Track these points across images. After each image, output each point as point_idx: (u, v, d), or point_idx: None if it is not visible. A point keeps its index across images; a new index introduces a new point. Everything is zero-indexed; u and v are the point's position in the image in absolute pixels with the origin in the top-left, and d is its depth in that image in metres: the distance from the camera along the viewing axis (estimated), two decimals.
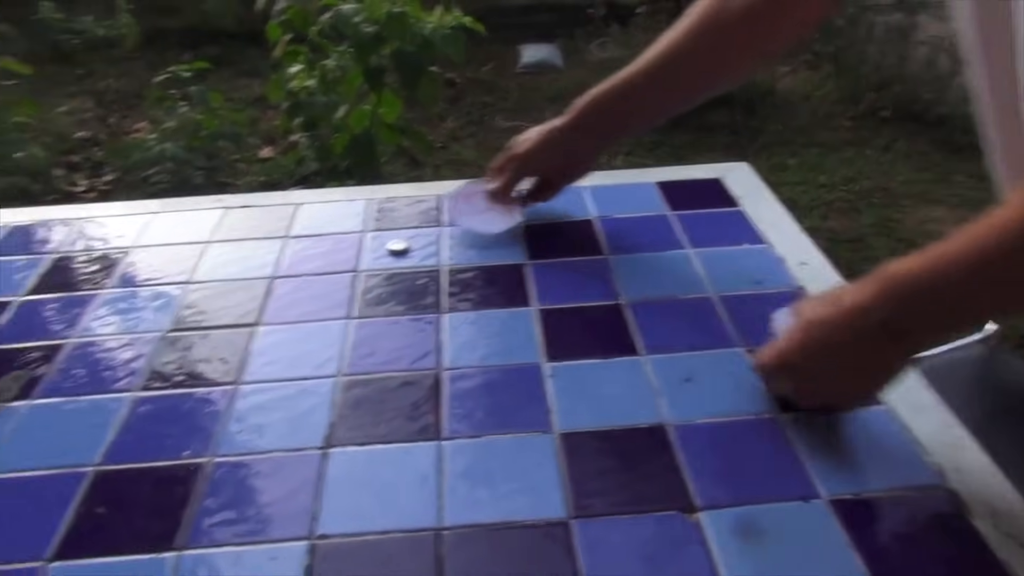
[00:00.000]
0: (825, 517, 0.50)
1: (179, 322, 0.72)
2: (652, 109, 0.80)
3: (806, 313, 0.56)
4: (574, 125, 0.80)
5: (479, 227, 0.83)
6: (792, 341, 0.56)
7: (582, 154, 0.83)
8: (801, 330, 0.56)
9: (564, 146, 0.81)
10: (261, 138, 2.89)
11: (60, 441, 0.58)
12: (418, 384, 0.63)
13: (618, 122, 0.80)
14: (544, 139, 0.82)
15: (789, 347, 0.56)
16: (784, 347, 0.57)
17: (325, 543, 0.50)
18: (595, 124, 0.80)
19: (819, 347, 0.54)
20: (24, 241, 0.87)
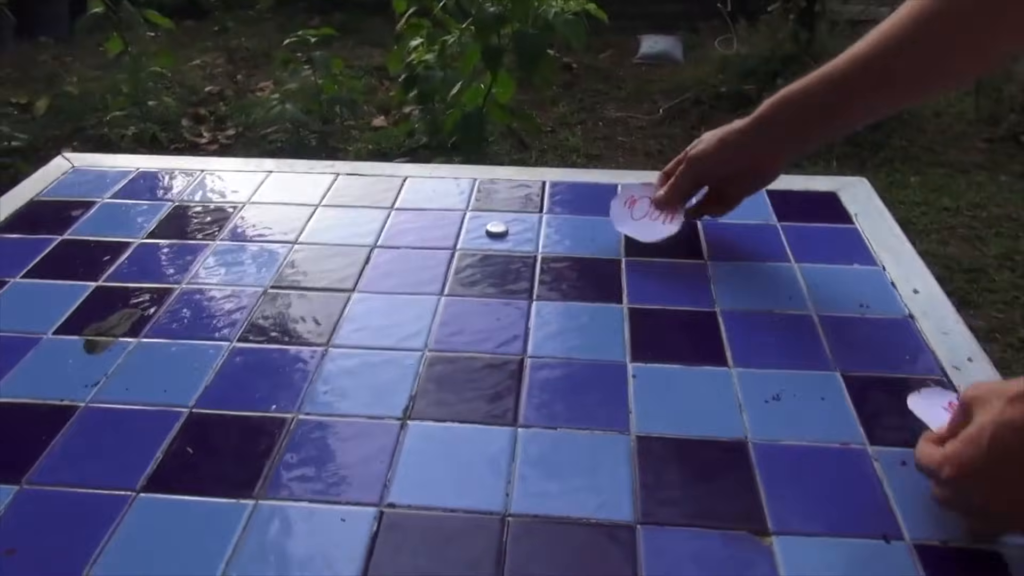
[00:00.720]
0: (905, 560, 0.48)
1: (280, 280, 0.75)
2: (858, 108, 0.68)
3: (989, 410, 0.46)
4: (758, 126, 0.71)
5: (633, 234, 0.79)
6: (973, 446, 0.45)
7: (765, 161, 0.74)
8: (988, 434, 0.45)
9: (744, 150, 0.73)
10: (376, 107, 2.96)
11: (160, 380, 0.62)
12: (501, 368, 0.63)
13: (814, 123, 0.69)
14: (721, 142, 0.74)
15: (967, 454, 0.45)
16: (962, 454, 0.46)
17: (393, 512, 0.51)
18: (785, 125, 0.70)
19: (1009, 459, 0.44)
20: (149, 186, 0.92)
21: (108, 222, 0.84)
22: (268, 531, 0.50)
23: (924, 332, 0.67)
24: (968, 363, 0.63)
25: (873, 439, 0.56)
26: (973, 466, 0.45)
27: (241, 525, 0.50)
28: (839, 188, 0.90)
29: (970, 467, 0.46)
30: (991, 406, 0.45)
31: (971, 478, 0.46)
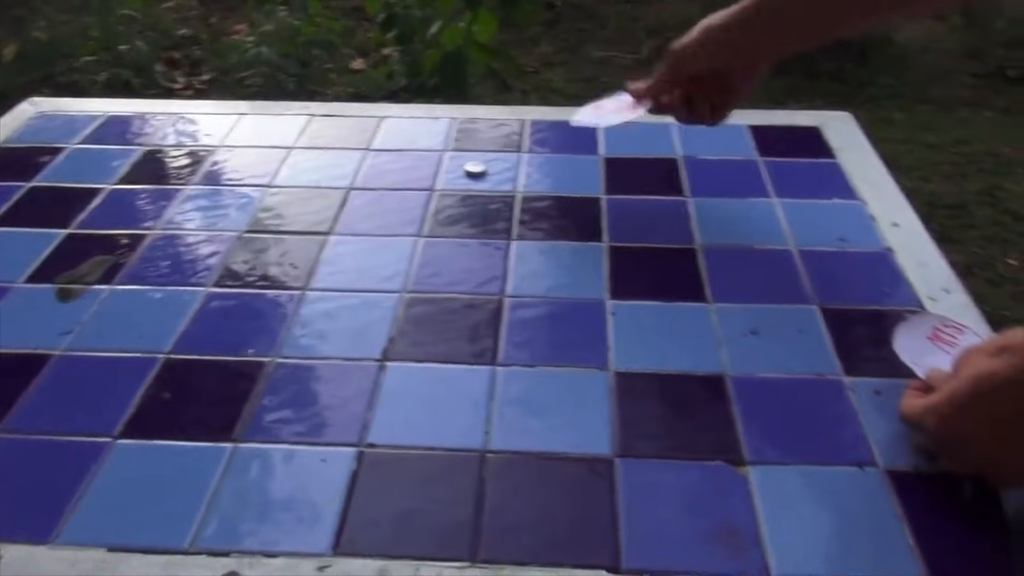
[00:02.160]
0: (878, 486, 0.48)
1: (256, 224, 0.73)
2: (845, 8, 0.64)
3: (973, 363, 0.46)
4: (741, 20, 0.65)
5: (594, 122, 0.74)
6: (955, 399, 0.46)
7: (755, 57, 0.68)
8: (969, 388, 0.45)
9: (726, 47, 0.66)
10: (355, 49, 2.89)
11: (135, 326, 0.61)
12: (480, 308, 0.63)
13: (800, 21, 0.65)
14: (704, 35, 0.67)
15: (951, 406, 0.46)
16: (944, 406, 0.46)
17: (373, 451, 0.51)
18: (770, 22, 0.65)
19: (990, 412, 0.44)
20: (120, 131, 0.90)
21: (78, 168, 0.83)
22: (248, 473, 0.50)
23: (902, 265, 0.67)
24: (944, 294, 0.64)
25: (849, 370, 0.57)
26: (954, 417, 0.46)
27: (221, 468, 0.50)
28: (822, 123, 0.89)
29: (951, 419, 0.46)
30: (975, 361, 0.46)
31: (952, 429, 0.46)
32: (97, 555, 0.45)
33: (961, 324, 0.58)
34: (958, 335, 0.56)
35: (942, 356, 0.54)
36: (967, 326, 0.57)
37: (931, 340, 0.56)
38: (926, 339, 0.56)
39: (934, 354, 0.54)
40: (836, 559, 0.45)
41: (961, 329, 0.57)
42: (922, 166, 2.22)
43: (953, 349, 0.55)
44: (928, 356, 0.55)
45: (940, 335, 0.56)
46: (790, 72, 2.65)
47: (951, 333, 0.57)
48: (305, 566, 0.44)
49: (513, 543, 0.46)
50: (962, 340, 0.55)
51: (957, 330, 0.57)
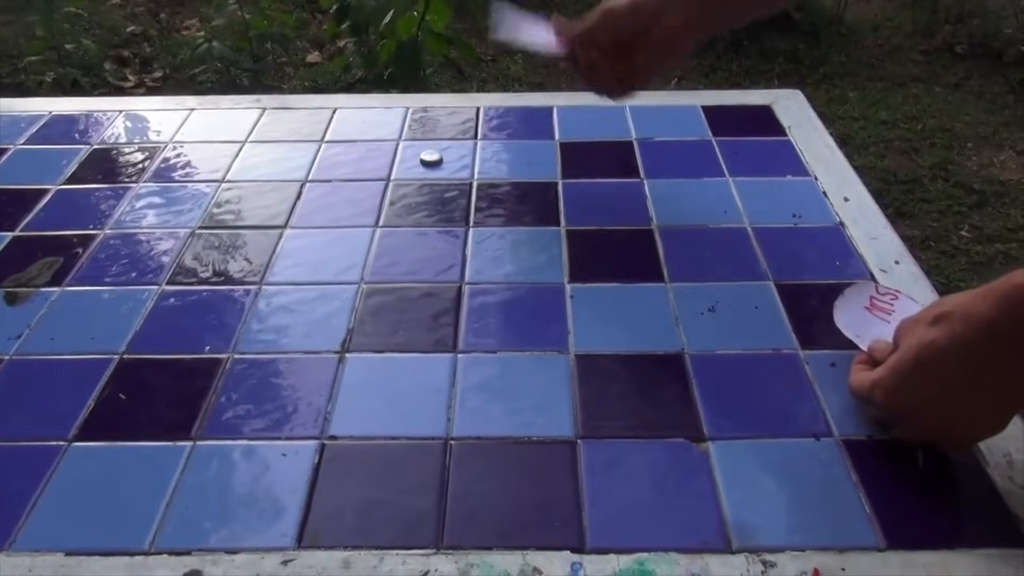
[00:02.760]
0: (834, 456, 0.49)
1: (209, 220, 0.72)
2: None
3: (912, 333, 0.47)
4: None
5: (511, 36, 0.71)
6: (898, 371, 0.47)
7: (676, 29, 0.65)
8: (911, 359, 0.46)
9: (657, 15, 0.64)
10: (310, 42, 2.85)
11: (87, 328, 0.60)
12: (439, 296, 0.63)
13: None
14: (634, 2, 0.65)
15: (895, 379, 0.47)
16: (889, 379, 0.47)
17: (335, 444, 0.51)
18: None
19: (933, 381, 0.45)
20: (65, 130, 0.87)
21: (23, 168, 0.80)
22: (208, 471, 0.49)
23: (854, 238, 0.68)
24: (895, 265, 0.65)
25: (804, 343, 0.57)
26: (900, 390, 0.47)
27: (180, 466, 0.49)
28: (773, 101, 0.90)
29: (897, 391, 0.47)
30: (914, 331, 0.47)
31: (899, 400, 0.47)
32: (55, 559, 0.44)
33: (895, 291, 0.59)
34: (894, 302, 0.58)
35: (882, 325, 0.55)
36: (900, 291, 0.59)
37: (869, 310, 0.57)
38: (864, 309, 0.58)
39: (874, 324, 0.56)
40: (795, 529, 0.45)
41: (895, 295, 0.58)
42: (876, 142, 2.26)
43: (891, 317, 0.56)
44: (869, 327, 0.56)
45: (876, 304, 0.58)
46: (746, 54, 2.68)
47: (887, 300, 0.58)
48: (268, 561, 0.44)
49: (478, 528, 0.46)
50: (898, 306, 0.57)
51: (892, 296, 0.58)
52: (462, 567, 0.44)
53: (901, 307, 0.57)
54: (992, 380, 0.44)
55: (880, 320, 0.56)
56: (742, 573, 0.43)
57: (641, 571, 0.43)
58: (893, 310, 0.57)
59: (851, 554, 0.44)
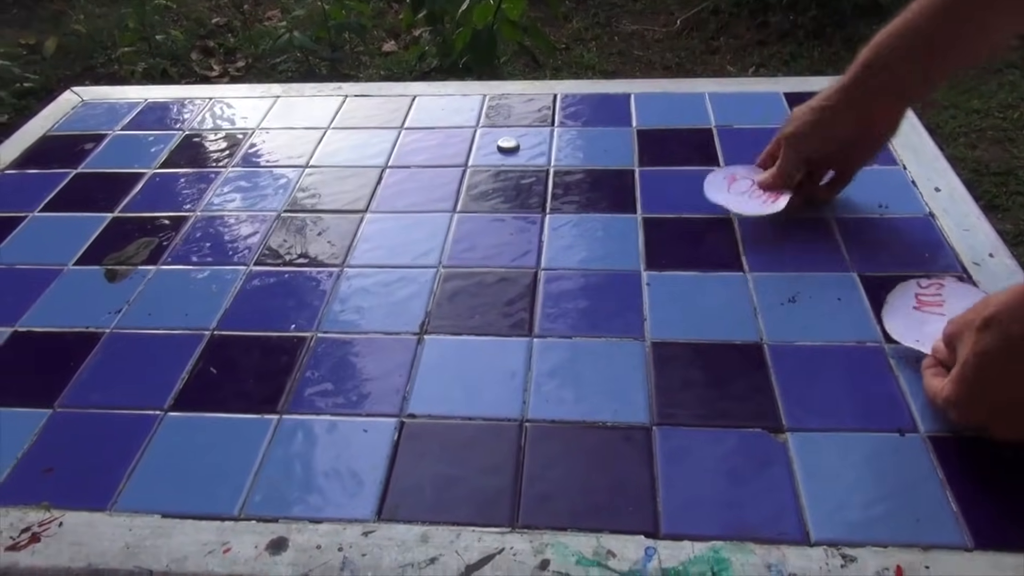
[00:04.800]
0: (919, 452, 0.48)
1: (293, 204, 0.75)
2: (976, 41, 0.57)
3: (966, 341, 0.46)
4: (856, 87, 0.61)
5: (732, 206, 0.69)
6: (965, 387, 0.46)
7: (876, 123, 0.63)
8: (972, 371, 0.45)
9: (842, 118, 0.62)
10: (386, 31, 2.90)
11: (180, 304, 0.63)
12: (515, 281, 0.64)
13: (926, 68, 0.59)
14: (815, 117, 0.64)
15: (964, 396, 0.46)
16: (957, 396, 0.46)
17: (413, 422, 0.52)
18: (890, 79, 0.59)
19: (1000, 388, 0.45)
20: (159, 117, 0.91)
21: (120, 154, 0.85)
22: (293, 444, 0.51)
23: (944, 229, 0.66)
24: (989, 259, 0.62)
25: (889, 337, 0.56)
26: (973, 405, 0.46)
27: (267, 439, 0.52)
28: None
29: (971, 407, 0.46)
30: (966, 339, 0.46)
31: (975, 415, 0.47)
32: (152, 520, 0.47)
33: (938, 280, 0.57)
34: (941, 290, 0.56)
35: (936, 320, 0.53)
36: (943, 276, 0.57)
37: (918, 309, 0.55)
38: (913, 310, 0.55)
39: (929, 322, 0.54)
40: (877, 525, 0.44)
41: (940, 283, 0.56)
42: (967, 132, 2.16)
43: (944, 307, 0.54)
44: (925, 327, 0.54)
45: (924, 300, 0.56)
46: (828, 41, 2.59)
47: (933, 292, 0.56)
48: (350, 531, 0.46)
49: (551, 509, 0.46)
50: (948, 293, 0.55)
51: (938, 285, 0.56)
52: (537, 546, 0.44)
53: (951, 293, 0.55)
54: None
55: (933, 315, 0.54)
56: (821, 566, 0.42)
57: (716, 559, 0.43)
58: (943, 299, 0.55)
59: (935, 552, 0.43)
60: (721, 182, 0.71)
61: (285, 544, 0.45)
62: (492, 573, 0.43)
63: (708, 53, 2.67)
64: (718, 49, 2.67)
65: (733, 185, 0.71)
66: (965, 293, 0.57)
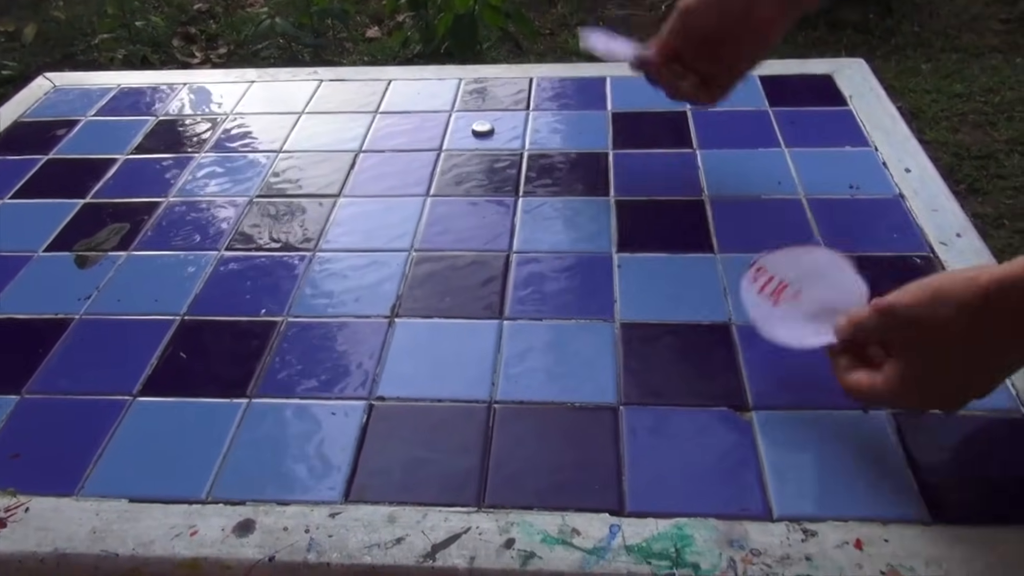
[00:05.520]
0: (883, 430, 0.49)
1: (266, 188, 0.74)
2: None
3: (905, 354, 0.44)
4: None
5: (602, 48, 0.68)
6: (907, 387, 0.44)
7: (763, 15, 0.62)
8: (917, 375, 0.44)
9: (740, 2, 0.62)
10: (369, 17, 2.88)
11: (151, 290, 0.63)
12: (487, 264, 0.64)
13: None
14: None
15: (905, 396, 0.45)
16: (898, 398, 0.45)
17: (382, 404, 0.52)
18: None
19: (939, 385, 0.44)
20: (133, 102, 0.91)
21: (92, 139, 0.84)
22: (262, 427, 0.51)
23: (914, 210, 0.66)
24: (957, 239, 0.63)
25: None
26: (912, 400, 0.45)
27: (236, 423, 0.52)
28: (835, 70, 0.88)
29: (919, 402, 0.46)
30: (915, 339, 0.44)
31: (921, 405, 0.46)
32: (119, 505, 0.47)
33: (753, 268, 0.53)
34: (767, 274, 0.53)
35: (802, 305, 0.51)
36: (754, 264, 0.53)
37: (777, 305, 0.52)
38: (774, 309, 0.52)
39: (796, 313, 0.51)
40: (838, 500, 0.45)
41: (762, 268, 0.53)
42: (949, 116, 2.17)
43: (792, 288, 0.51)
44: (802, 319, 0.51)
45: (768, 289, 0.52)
46: (813, 25, 2.59)
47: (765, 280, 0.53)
48: (317, 513, 0.46)
49: (518, 489, 0.47)
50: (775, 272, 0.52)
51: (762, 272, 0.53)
52: (502, 525, 0.45)
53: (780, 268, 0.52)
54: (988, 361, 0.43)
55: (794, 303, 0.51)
56: (782, 541, 0.43)
57: (679, 535, 0.43)
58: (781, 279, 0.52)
59: (895, 526, 0.43)
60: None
61: (252, 526, 0.45)
62: (458, 552, 0.43)
63: None
64: None
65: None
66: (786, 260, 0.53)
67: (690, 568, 0.42)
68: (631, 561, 0.42)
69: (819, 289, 0.51)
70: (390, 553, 0.44)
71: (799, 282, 0.52)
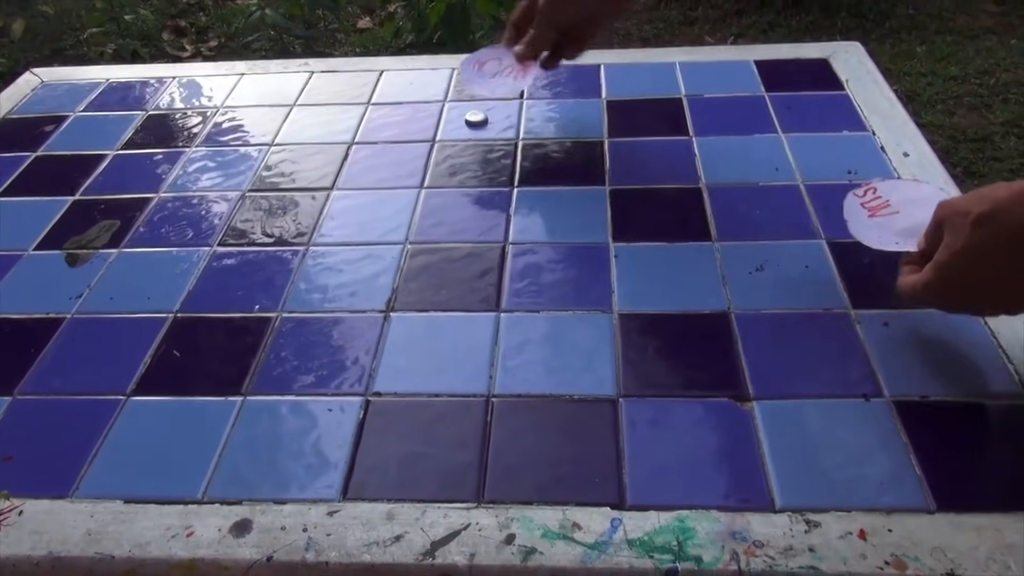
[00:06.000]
0: (885, 417, 0.48)
1: (258, 183, 0.74)
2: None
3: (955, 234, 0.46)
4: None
5: (485, 91, 0.74)
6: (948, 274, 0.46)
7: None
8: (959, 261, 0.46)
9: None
10: (360, 7, 2.86)
11: (143, 287, 0.62)
12: (483, 256, 0.63)
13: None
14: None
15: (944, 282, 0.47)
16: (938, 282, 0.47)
17: (379, 400, 0.52)
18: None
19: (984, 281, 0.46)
20: (122, 97, 0.90)
21: (82, 135, 0.83)
22: (257, 425, 0.51)
23: None
24: None
25: (856, 303, 0.56)
26: (952, 291, 0.47)
27: (231, 421, 0.51)
28: (831, 54, 0.87)
29: (949, 293, 0.48)
30: (957, 228, 0.46)
31: (947, 301, 0.48)
32: (114, 506, 0.46)
33: (867, 185, 0.59)
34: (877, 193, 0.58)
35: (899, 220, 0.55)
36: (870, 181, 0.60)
37: (873, 217, 0.57)
38: (870, 219, 0.57)
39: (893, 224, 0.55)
40: (841, 490, 0.45)
41: (872, 188, 0.59)
42: (945, 99, 2.16)
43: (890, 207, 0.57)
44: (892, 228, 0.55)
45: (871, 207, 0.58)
46: (807, 9, 2.58)
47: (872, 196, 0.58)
48: (315, 511, 0.45)
49: (518, 483, 0.46)
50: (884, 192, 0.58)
51: (872, 190, 0.59)
52: (502, 521, 0.44)
53: (888, 191, 0.58)
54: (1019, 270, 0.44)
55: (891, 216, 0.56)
56: (785, 532, 0.43)
57: (681, 528, 0.43)
58: (886, 200, 0.57)
59: (898, 515, 0.43)
60: (472, 71, 0.75)
61: (249, 526, 0.45)
62: (458, 549, 0.43)
63: (686, 24, 2.65)
64: (696, 20, 2.65)
65: (484, 68, 0.74)
66: (897, 187, 0.59)
67: (693, 561, 0.41)
68: (633, 555, 0.42)
69: (917, 213, 0.55)
70: (389, 551, 0.43)
71: (900, 205, 0.57)
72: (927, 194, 0.57)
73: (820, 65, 0.85)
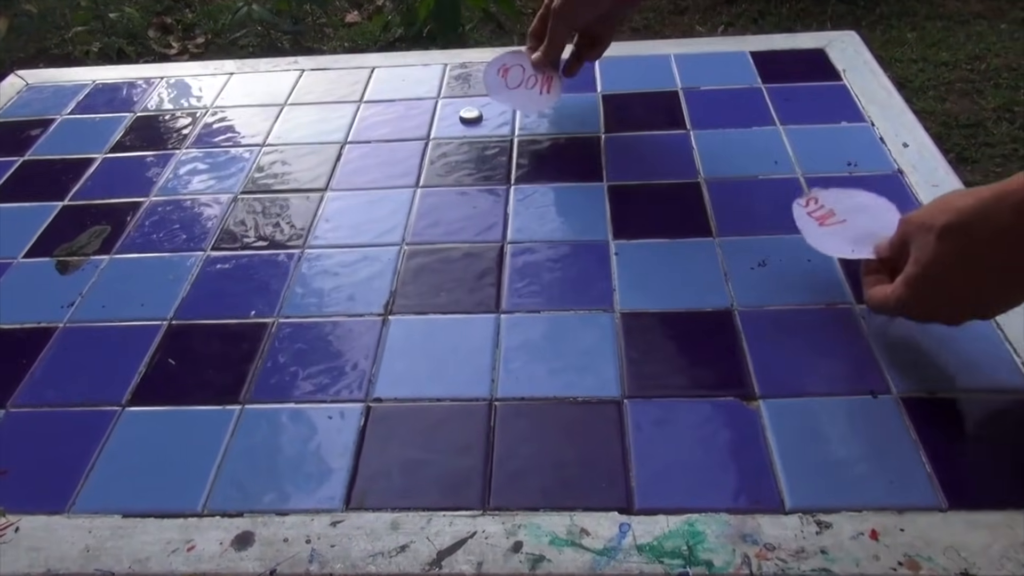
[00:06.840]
0: (892, 414, 0.48)
1: (250, 184, 0.72)
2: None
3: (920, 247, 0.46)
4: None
5: (513, 105, 0.76)
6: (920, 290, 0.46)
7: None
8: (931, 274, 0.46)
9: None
10: (348, 2, 2.83)
11: (136, 294, 0.61)
12: (481, 256, 0.62)
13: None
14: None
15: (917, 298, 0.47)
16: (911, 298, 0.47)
17: (379, 406, 0.51)
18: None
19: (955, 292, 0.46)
20: (109, 99, 0.88)
21: (69, 139, 0.81)
22: (256, 434, 0.50)
23: (913, 186, 0.65)
24: None
25: (861, 297, 0.55)
26: (925, 306, 0.48)
27: (229, 430, 0.50)
28: (827, 44, 0.86)
29: (921, 308, 0.48)
30: (923, 242, 0.46)
31: (924, 313, 0.48)
32: (113, 521, 0.45)
33: (809, 196, 0.59)
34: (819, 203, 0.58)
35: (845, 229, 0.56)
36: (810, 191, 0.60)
37: (823, 226, 0.57)
38: (821, 228, 0.57)
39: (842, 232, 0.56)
40: (851, 489, 0.44)
41: (813, 199, 0.59)
42: (936, 85, 2.15)
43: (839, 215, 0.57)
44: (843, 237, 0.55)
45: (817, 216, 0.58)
46: None
47: (815, 206, 0.58)
48: (318, 522, 0.45)
49: (524, 489, 0.45)
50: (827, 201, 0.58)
51: (813, 201, 0.59)
52: (509, 528, 0.43)
53: (831, 201, 0.58)
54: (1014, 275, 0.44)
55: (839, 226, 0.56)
56: (796, 534, 0.42)
57: (691, 532, 0.42)
58: (832, 210, 0.58)
59: (910, 514, 0.42)
60: (496, 79, 0.75)
61: (251, 539, 0.44)
62: (464, 558, 0.42)
63: (676, 13, 2.64)
64: (686, 8, 2.64)
65: (508, 78, 0.75)
66: (837, 196, 0.59)
67: (704, 566, 0.41)
68: (643, 561, 0.41)
69: (863, 221, 0.56)
70: (394, 561, 0.42)
71: (845, 214, 0.57)
72: (867, 201, 0.58)
73: (816, 55, 0.85)
